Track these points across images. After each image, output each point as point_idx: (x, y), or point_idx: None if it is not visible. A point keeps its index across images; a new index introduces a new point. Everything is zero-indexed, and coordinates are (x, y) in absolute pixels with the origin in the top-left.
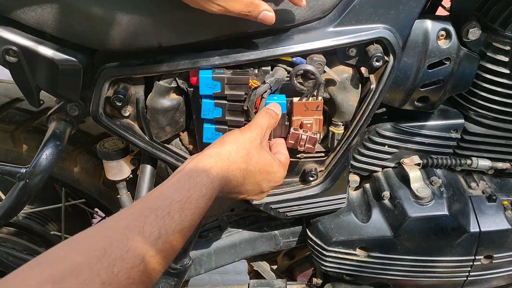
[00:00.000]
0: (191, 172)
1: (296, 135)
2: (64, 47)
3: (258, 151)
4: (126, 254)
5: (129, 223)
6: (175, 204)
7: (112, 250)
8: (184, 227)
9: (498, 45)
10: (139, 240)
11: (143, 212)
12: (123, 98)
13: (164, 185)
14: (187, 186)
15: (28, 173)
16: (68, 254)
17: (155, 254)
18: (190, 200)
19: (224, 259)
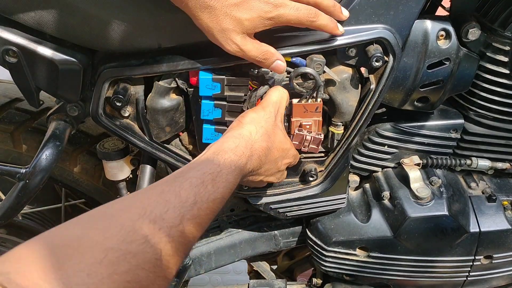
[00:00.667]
0: (218, 151)
1: (300, 136)
2: (64, 47)
3: (273, 129)
4: (166, 214)
5: (164, 188)
6: (207, 175)
7: (151, 210)
8: (216, 198)
9: (497, 45)
10: (176, 203)
11: (177, 179)
12: (122, 99)
13: (193, 162)
14: (217, 162)
15: (28, 173)
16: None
17: (191, 218)
18: (220, 174)
19: (224, 259)
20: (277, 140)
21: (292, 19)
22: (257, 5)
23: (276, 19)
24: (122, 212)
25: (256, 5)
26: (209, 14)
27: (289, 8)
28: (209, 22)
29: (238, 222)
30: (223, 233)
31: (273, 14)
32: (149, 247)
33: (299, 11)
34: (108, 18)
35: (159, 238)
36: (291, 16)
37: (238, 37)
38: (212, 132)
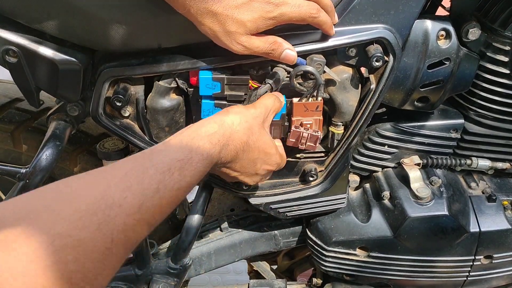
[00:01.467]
0: (193, 134)
1: (297, 133)
2: (64, 47)
3: (259, 129)
4: (124, 201)
5: (128, 172)
6: (175, 162)
7: (110, 194)
8: (182, 187)
9: (498, 45)
10: (137, 190)
11: (144, 163)
12: (123, 98)
13: (166, 143)
14: (189, 147)
15: (28, 173)
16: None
17: (151, 207)
18: (190, 161)
19: (224, 259)
20: (260, 140)
21: (294, 16)
22: (259, 5)
23: (279, 18)
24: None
25: (257, 5)
26: (212, 19)
27: (290, 5)
28: (213, 26)
29: (238, 222)
30: (223, 233)
31: (275, 13)
32: (101, 235)
33: (300, 8)
34: (108, 18)
35: (112, 226)
36: (293, 14)
37: (243, 38)
38: None
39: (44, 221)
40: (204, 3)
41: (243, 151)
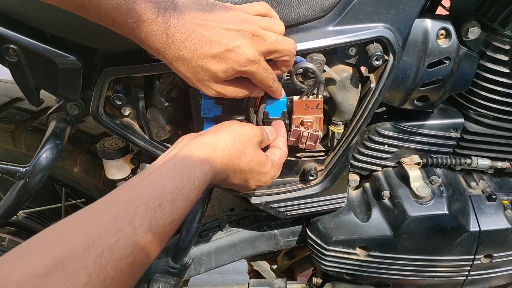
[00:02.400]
0: (185, 161)
1: (297, 132)
2: (64, 46)
3: (253, 149)
4: (115, 245)
5: (119, 212)
6: (167, 195)
7: (100, 241)
8: (174, 220)
9: (497, 44)
10: (129, 231)
11: (134, 200)
12: (123, 97)
13: (157, 172)
14: (180, 177)
15: (28, 172)
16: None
17: (144, 246)
18: (182, 192)
19: (224, 258)
20: (254, 161)
21: (258, 79)
22: (233, 57)
23: (246, 74)
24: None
25: (232, 56)
26: (185, 65)
27: (261, 67)
28: (186, 72)
29: (238, 222)
30: (223, 233)
31: (245, 68)
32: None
33: (267, 73)
34: None
35: (104, 276)
36: (259, 76)
37: (215, 85)
38: None
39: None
40: (177, 51)
41: (234, 172)
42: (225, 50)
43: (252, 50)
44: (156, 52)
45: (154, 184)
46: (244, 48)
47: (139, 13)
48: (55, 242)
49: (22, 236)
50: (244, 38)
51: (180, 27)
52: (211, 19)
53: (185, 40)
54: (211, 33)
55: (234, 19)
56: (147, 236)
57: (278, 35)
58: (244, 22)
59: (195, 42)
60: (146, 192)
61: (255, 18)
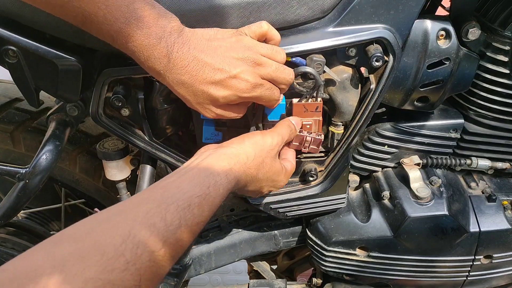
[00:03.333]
0: (210, 169)
1: (301, 137)
2: (63, 47)
3: (271, 161)
4: (149, 239)
5: (151, 209)
6: (195, 198)
7: (135, 233)
8: (201, 221)
9: (497, 45)
10: (161, 227)
11: (165, 200)
12: (122, 98)
13: (183, 178)
14: (207, 183)
15: (27, 173)
16: (92, 232)
17: (174, 242)
18: (208, 196)
19: (224, 259)
20: (270, 171)
21: (265, 99)
22: (235, 84)
23: (253, 98)
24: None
25: (234, 83)
26: (186, 89)
27: (265, 88)
28: (186, 95)
29: (238, 222)
30: (223, 233)
31: (250, 94)
32: (130, 275)
33: (272, 91)
34: None
35: (140, 264)
36: (265, 97)
37: (215, 109)
38: (212, 132)
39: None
40: (178, 75)
41: (252, 182)
42: (227, 77)
43: (254, 76)
44: (156, 74)
45: (183, 187)
46: (246, 75)
47: (141, 38)
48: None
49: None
50: (246, 65)
51: (184, 52)
52: (215, 46)
53: (187, 65)
54: (214, 60)
55: (237, 46)
56: (177, 233)
57: (279, 64)
58: (246, 50)
59: (197, 68)
60: (175, 193)
61: (257, 45)
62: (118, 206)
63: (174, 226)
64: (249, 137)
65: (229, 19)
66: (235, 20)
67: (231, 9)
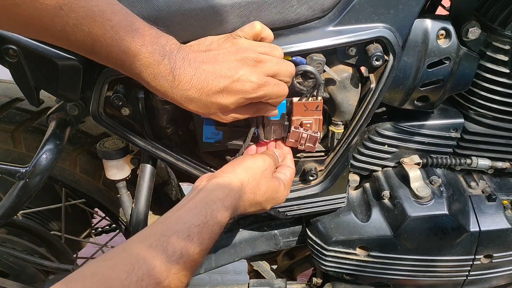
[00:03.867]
0: (207, 199)
1: (296, 134)
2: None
3: (267, 181)
4: (153, 271)
5: (152, 243)
6: (194, 228)
7: (139, 266)
8: (202, 250)
9: (497, 44)
10: (163, 259)
11: (165, 233)
12: (123, 98)
13: (182, 210)
14: (204, 212)
15: (28, 172)
16: (98, 270)
17: (177, 272)
18: (207, 225)
19: (224, 259)
20: (268, 191)
21: (273, 96)
22: (241, 87)
23: (260, 98)
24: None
25: (239, 87)
26: (195, 104)
27: (271, 85)
28: (197, 109)
29: (238, 222)
30: (223, 233)
31: (257, 94)
32: None
33: (280, 87)
34: None
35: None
36: (274, 93)
37: (229, 114)
38: (212, 131)
39: None
40: (185, 91)
41: (251, 205)
42: (231, 82)
43: (257, 76)
44: (164, 94)
45: (181, 219)
46: (249, 76)
47: (146, 55)
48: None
49: (22, 236)
50: (247, 66)
51: (185, 67)
52: (213, 55)
53: (191, 79)
54: (215, 67)
55: (234, 49)
56: (179, 263)
57: (278, 59)
58: (244, 51)
59: (201, 80)
60: (174, 225)
61: (253, 44)
62: (122, 244)
63: (176, 256)
64: (240, 163)
65: (229, 18)
66: (235, 19)
67: (231, 8)
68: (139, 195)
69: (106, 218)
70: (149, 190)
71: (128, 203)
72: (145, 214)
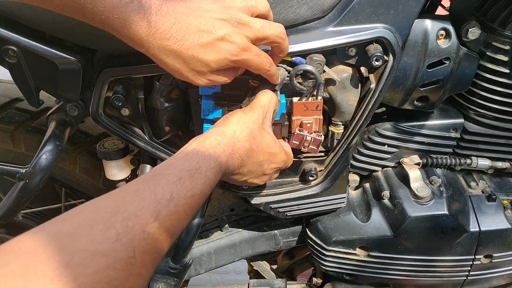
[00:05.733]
0: (198, 147)
1: (301, 136)
2: (63, 47)
3: (260, 132)
4: (140, 211)
5: (140, 187)
6: (185, 172)
7: (125, 208)
8: (195, 194)
9: (497, 44)
10: (152, 200)
11: (154, 177)
12: (122, 98)
13: (172, 158)
14: (196, 158)
15: (28, 173)
16: (80, 213)
17: (168, 214)
18: (199, 170)
19: (224, 258)
20: (263, 142)
21: (253, 65)
22: (224, 46)
23: (241, 62)
24: (94, 213)
25: (223, 46)
26: (175, 57)
27: (253, 53)
28: (176, 64)
29: (238, 222)
30: (223, 233)
31: (239, 57)
32: (121, 245)
33: (260, 58)
34: None
35: (132, 235)
36: (253, 62)
37: (208, 75)
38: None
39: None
40: (163, 41)
41: (247, 156)
42: (215, 39)
43: (241, 38)
44: (138, 45)
45: (171, 165)
46: (234, 37)
47: None
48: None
49: None
50: (231, 26)
51: (163, 15)
52: (194, 8)
53: (170, 28)
54: (198, 21)
55: (217, 7)
56: (170, 206)
57: (264, 21)
58: (228, 10)
59: (182, 31)
60: (164, 170)
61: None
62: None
63: (165, 199)
64: (232, 115)
65: None
66: None
67: None
68: None
69: None
70: None
71: None
72: None
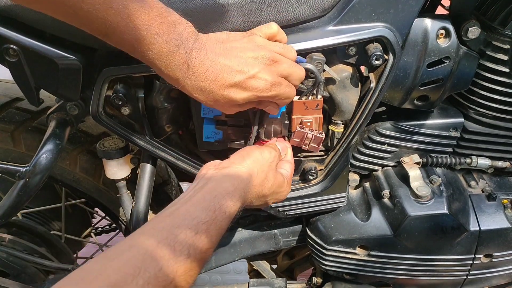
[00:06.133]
0: (215, 192)
1: (301, 134)
2: (64, 46)
3: (274, 175)
4: (159, 273)
5: (160, 241)
6: (202, 225)
7: (146, 268)
8: (209, 248)
9: (497, 43)
10: (170, 259)
11: (173, 230)
12: (122, 97)
13: (190, 202)
14: (213, 207)
15: (28, 172)
16: (103, 272)
17: (184, 273)
18: (215, 221)
19: (224, 258)
20: (274, 184)
21: (283, 96)
22: (255, 84)
23: (271, 97)
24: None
25: (253, 84)
26: (206, 95)
27: (283, 86)
28: (205, 100)
29: (238, 222)
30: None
31: (270, 93)
32: None
33: (290, 88)
34: None
35: None
36: (283, 95)
37: (234, 108)
38: (212, 131)
39: None
40: (198, 82)
41: (257, 198)
42: (246, 78)
43: (271, 75)
44: (175, 82)
45: (190, 214)
46: (264, 75)
47: (161, 45)
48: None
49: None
50: (263, 64)
51: (202, 57)
52: (230, 48)
53: (206, 71)
54: (232, 62)
55: (251, 46)
56: (186, 263)
57: (291, 62)
58: (260, 49)
59: (216, 72)
60: (182, 221)
61: (270, 44)
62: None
63: (183, 256)
64: (249, 154)
65: (229, 17)
66: (235, 19)
67: (231, 7)
68: (139, 195)
69: (106, 217)
70: (149, 190)
71: (128, 203)
72: (145, 214)
